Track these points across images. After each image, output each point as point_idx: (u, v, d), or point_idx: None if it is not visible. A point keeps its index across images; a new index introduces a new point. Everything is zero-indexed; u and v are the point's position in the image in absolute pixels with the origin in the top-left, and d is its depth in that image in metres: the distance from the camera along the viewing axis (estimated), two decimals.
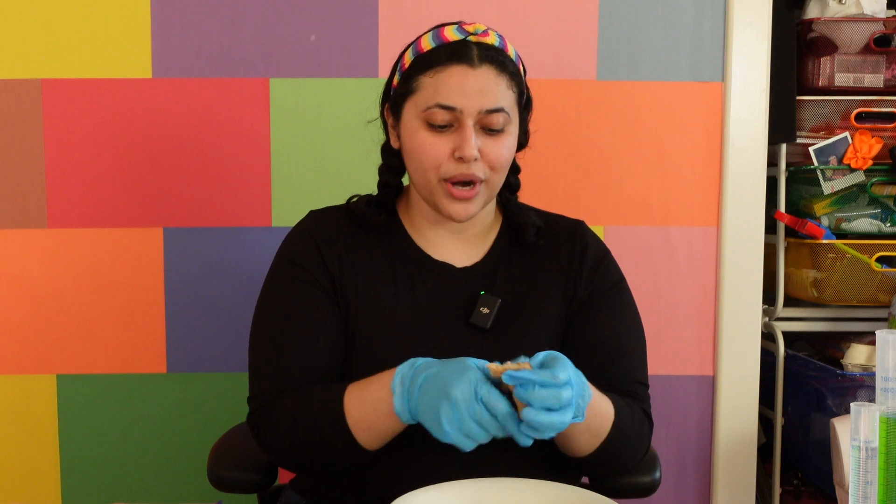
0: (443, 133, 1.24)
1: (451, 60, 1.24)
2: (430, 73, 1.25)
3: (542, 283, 1.34)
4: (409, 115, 1.27)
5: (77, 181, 1.95)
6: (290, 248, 1.34)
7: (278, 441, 1.24)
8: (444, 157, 1.24)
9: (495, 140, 1.25)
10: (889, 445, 0.85)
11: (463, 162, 1.23)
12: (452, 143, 1.24)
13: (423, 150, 1.25)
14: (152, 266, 1.98)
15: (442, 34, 1.27)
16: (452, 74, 1.23)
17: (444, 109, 1.23)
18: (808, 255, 2.21)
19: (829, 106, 2.20)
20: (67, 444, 1.99)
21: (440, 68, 1.24)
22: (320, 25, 1.95)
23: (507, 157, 1.27)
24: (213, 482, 1.40)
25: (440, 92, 1.23)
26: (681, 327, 2.04)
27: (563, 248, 1.36)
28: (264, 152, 1.97)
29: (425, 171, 1.26)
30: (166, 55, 1.94)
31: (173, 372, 1.99)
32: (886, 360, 0.84)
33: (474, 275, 1.33)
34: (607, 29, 2.00)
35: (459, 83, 1.23)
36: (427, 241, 1.34)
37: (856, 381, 2.08)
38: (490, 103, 1.23)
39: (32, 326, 1.97)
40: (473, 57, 1.24)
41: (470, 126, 1.23)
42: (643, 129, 2.02)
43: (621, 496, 1.37)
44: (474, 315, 1.28)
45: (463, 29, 1.27)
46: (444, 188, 1.26)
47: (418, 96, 1.25)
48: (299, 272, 1.30)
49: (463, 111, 1.23)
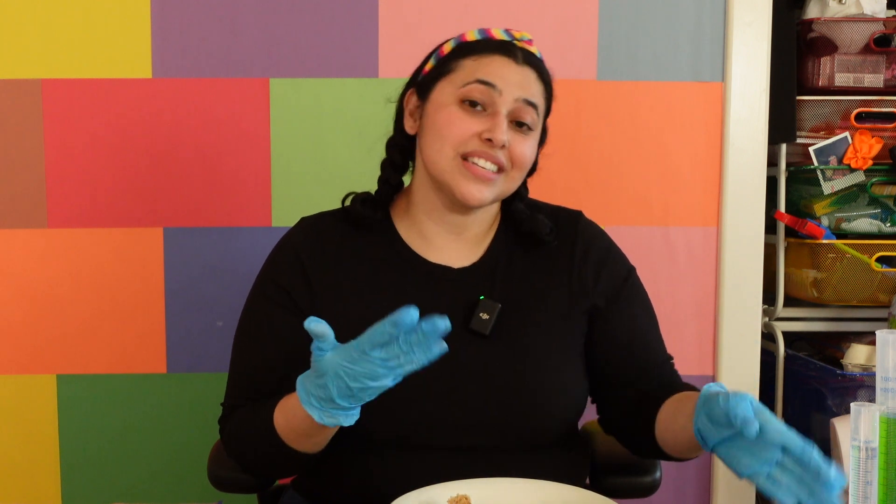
0: (475, 114, 1.22)
1: (497, 51, 1.25)
2: (474, 57, 1.24)
3: (543, 282, 1.31)
4: (441, 93, 1.25)
5: (77, 181, 1.95)
6: (273, 265, 1.32)
7: (233, 453, 1.28)
8: (469, 135, 1.22)
9: (523, 137, 1.25)
10: (889, 445, 0.86)
11: (491, 146, 1.21)
12: (482, 125, 1.22)
13: (450, 123, 1.22)
14: (152, 266, 1.98)
15: (489, 32, 1.28)
16: (495, 61, 1.24)
17: (483, 85, 1.22)
18: (808, 255, 2.21)
19: (829, 106, 2.20)
20: (67, 444, 1.99)
21: (484, 55, 1.24)
22: (320, 25, 1.95)
23: (529, 157, 1.26)
24: (213, 482, 1.40)
25: (481, 70, 1.23)
26: (681, 327, 2.04)
27: (563, 242, 1.34)
28: (264, 152, 1.97)
29: (444, 147, 1.23)
30: (166, 55, 1.94)
31: (173, 372, 1.99)
32: (886, 360, 0.84)
33: (472, 276, 1.30)
34: (607, 29, 2.00)
35: (501, 68, 1.23)
36: (423, 243, 1.31)
37: (856, 381, 2.08)
38: (529, 94, 1.24)
39: (32, 326, 1.97)
40: (518, 55, 1.25)
41: (503, 113, 1.22)
42: (643, 129, 2.02)
43: (621, 496, 1.37)
44: (474, 321, 1.26)
45: (510, 33, 1.28)
46: (461, 166, 1.22)
47: (456, 75, 1.24)
48: (276, 293, 1.29)
49: (502, 92, 1.22)
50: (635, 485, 1.40)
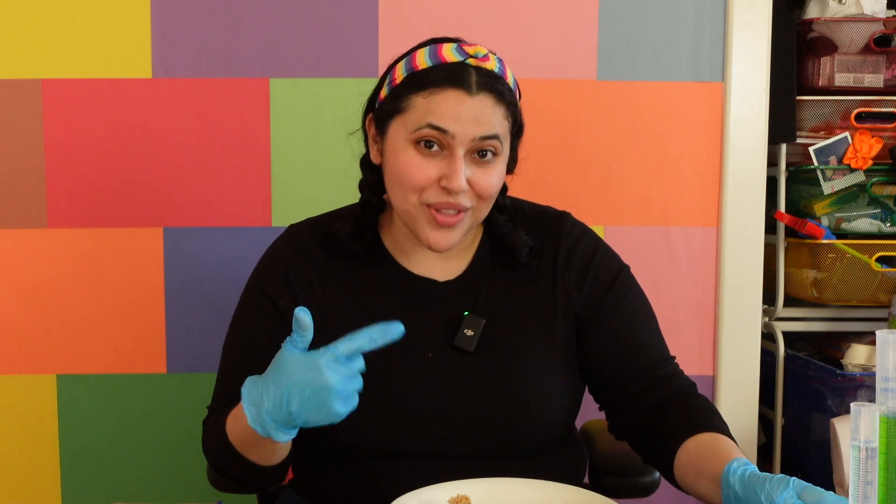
0: (431, 156, 1.16)
1: (448, 84, 1.16)
2: (424, 94, 1.16)
3: (527, 292, 1.29)
4: (395, 135, 1.19)
5: (77, 181, 1.95)
6: (261, 273, 1.32)
7: (206, 453, 1.28)
8: (429, 182, 1.17)
9: (486, 169, 1.18)
10: (889, 445, 0.85)
11: (449, 193, 1.16)
12: (440, 170, 1.16)
13: (408, 171, 1.17)
14: (152, 266, 1.98)
15: (439, 53, 1.18)
16: (447, 98, 1.15)
17: (435, 130, 1.15)
18: (808, 255, 2.21)
19: (829, 106, 2.20)
20: (67, 444, 1.99)
21: (435, 90, 1.16)
22: (320, 25, 1.95)
23: (496, 185, 1.20)
24: (212, 482, 1.40)
25: (433, 113, 1.15)
26: (681, 327, 2.04)
27: (546, 247, 1.30)
28: (264, 152, 1.97)
29: (406, 194, 1.18)
30: (166, 55, 1.94)
31: (173, 372, 1.99)
32: (886, 360, 0.84)
33: (456, 290, 1.28)
34: (607, 29, 2.00)
35: (454, 108, 1.15)
36: (407, 256, 1.29)
37: (856, 381, 2.08)
38: (485, 131, 1.16)
39: (32, 326, 1.97)
40: (471, 83, 1.16)
41: (460, 155, 1.16)
42: (643, 129, 2.02)
43: (621, 496, 1.37)
44: (458, 338, 1.24)
45: (462, 50, 1.18)
46: (426, 213, 1.18)
47: (408, 116, 1.17)
48: (261, 300, 1.28)
49: (455, 136, 1.15)
50: (635, 485, 1.40)
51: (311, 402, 1.01)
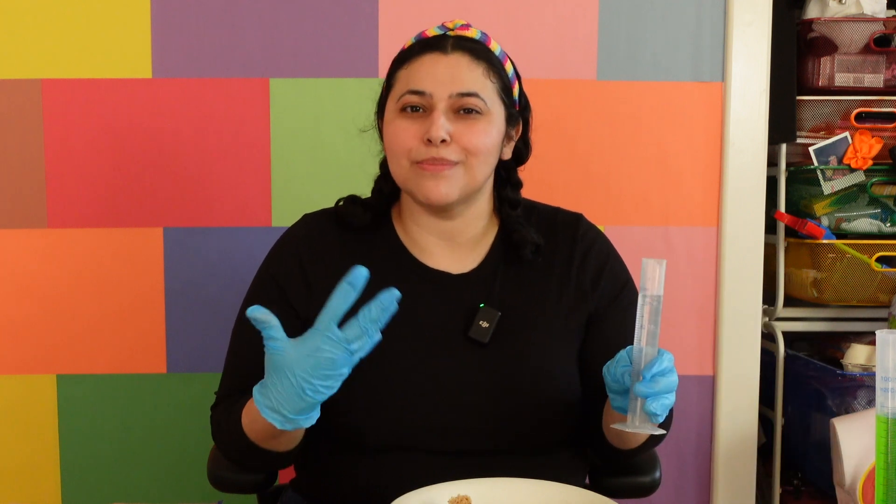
0: (415, 119, 1.24)
1: (425, 51, 1.25)
2: (406, 66, 1.26)
3: (542, 288, 1.31)
4: (388, 111, 1.28)
5: (77, 181, 1.95)
6: (273, 261, 1.33)
7: (216, 443, 1.30)
8: (415, 141, 1.23)
9: (469, 124, 1.23)
10: (889, 445, 0.85)
11: (432, 145, 1.22)
12: (424, 128, 1.23)
13: (396, 136, 1.24)
14: (152, 266, 1.98)
15: (423, 33, 1.29)
16: (424, 62, 1.24)
17: (414, 94, 1.23)
18: (808, 255, 2.21)
19: (829, 106, 2.20)
20: (67, 444, 1.99)
21: (414, 60, 1.25)
22: (320, 25, 1.95)
23: (484, 142, 1.24)
24: (212, 482, 1.40)
25: (412, 78, 1.24)
26: (681, 327, 2.04)
27: (562, 245, 1.33)
28: (264, 152, 1.97)
29: (399, 159, 1.25)
30: (166, 55, 1.94)
31: (173, 372, 1.99)
32: (886, 360, 0.84)
33: (471, 283, 1.30)
34: (607, 29, 2.00)
35: (430, 69, 1.24)
36: (421, 249, 1.32)
37: (856, 381, 2.08)
38: (461, 87, 1.23)
39: (32, 326, 1.97)
40: (447, 46, 1.25)
41: (440, 109, 1.22)
42: (643, 129, 2.02)
43: (621, 496, 1.37)
44: (473, 329, 1.26)
45: (443, 26, 1.29)
46: (417, 170, 1.24)
47: (395, 90, 1.26)
48: (272, 288, 1.30)
49: (433, 94, 1.22)
50: (635, 485, 1.40)
51: (323, 382, 1.01)
